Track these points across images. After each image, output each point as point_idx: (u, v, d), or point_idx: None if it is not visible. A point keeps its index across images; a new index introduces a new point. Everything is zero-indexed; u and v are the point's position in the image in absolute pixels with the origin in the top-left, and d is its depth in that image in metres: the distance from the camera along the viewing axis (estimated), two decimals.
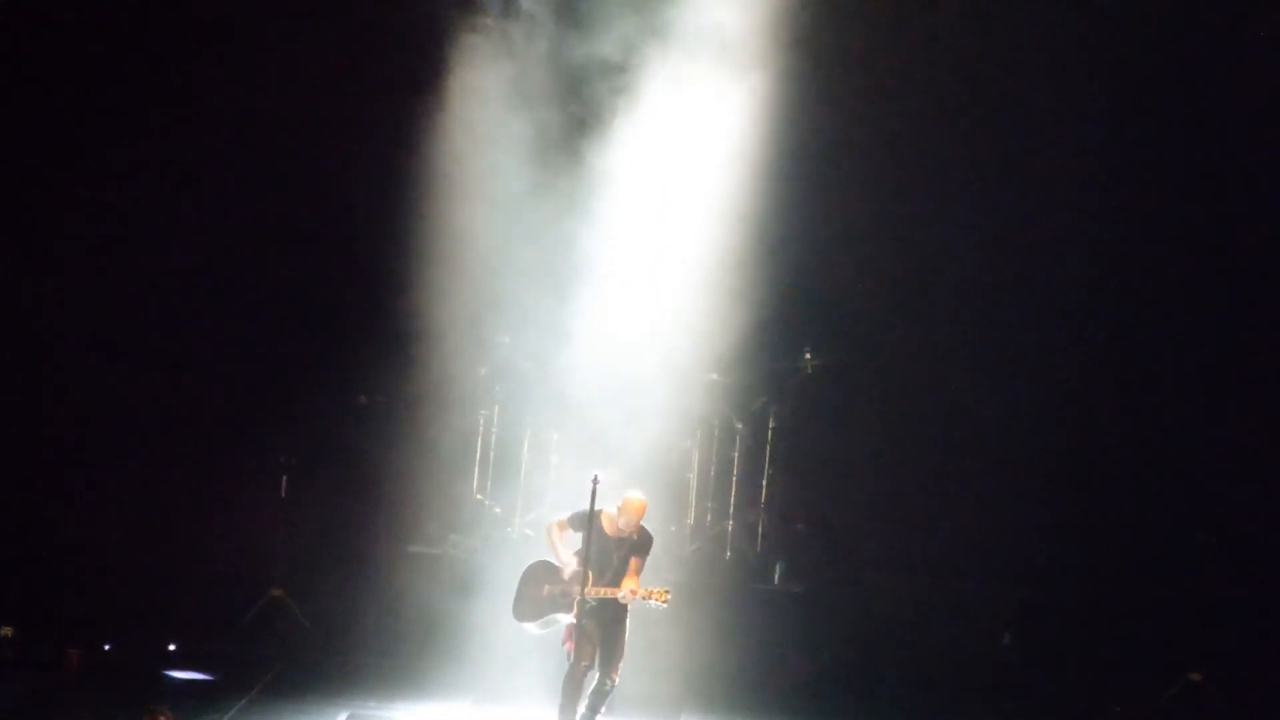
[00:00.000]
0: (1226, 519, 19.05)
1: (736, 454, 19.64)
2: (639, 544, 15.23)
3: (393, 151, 18.85)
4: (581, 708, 15.16)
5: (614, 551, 15.18)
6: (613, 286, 18.26)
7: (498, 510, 19.36)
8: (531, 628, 15.38)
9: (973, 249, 19.55)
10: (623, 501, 15.22)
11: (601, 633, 15.15)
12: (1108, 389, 19.51)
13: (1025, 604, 19.06)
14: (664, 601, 15.08)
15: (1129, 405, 19.45)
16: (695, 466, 19.47)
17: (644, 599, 15.04)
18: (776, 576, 19.43)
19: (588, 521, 15.15)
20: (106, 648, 17.74)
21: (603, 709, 15.26)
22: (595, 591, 15.04)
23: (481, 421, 19.42)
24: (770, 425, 19.74)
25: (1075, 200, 19.41)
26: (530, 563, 15.45)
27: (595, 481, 15.12)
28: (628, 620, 15.22)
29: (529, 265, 18.52)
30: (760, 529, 19.69)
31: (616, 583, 15.09)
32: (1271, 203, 19.22)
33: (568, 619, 15.13)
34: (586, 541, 15.10)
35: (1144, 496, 19.28)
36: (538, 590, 15.30)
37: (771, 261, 18.97)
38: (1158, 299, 19.48)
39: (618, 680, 15.20)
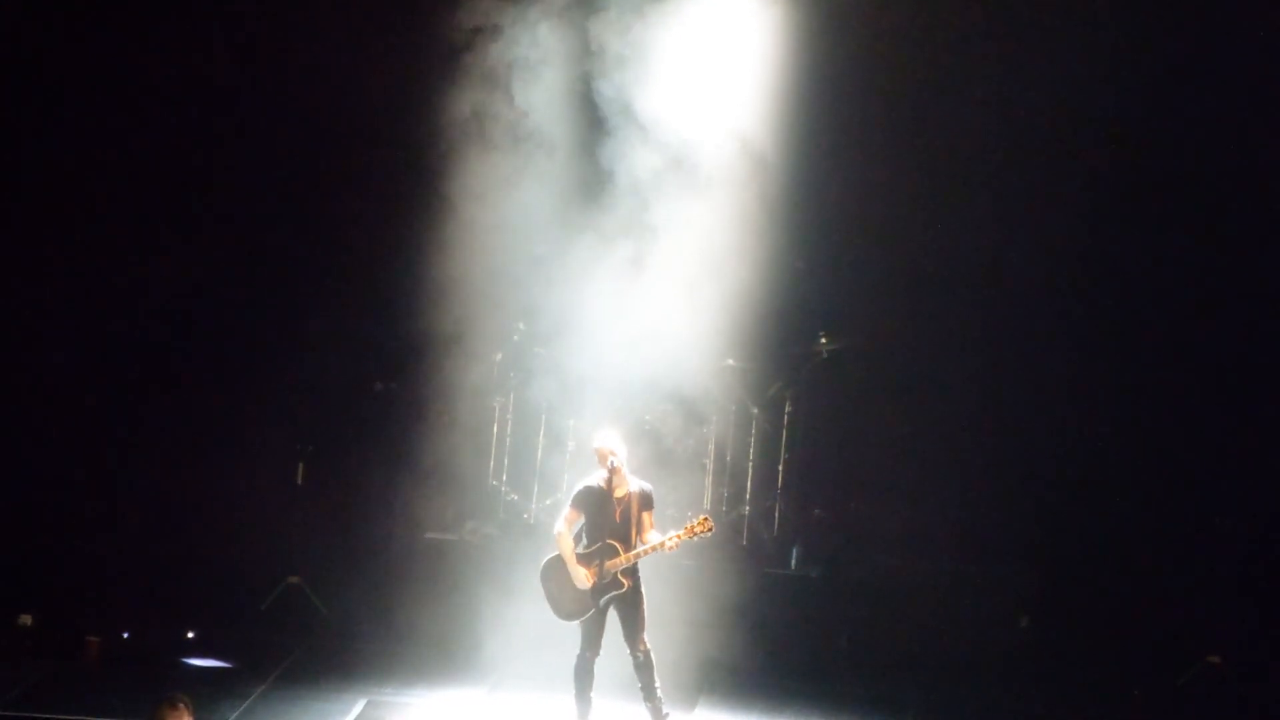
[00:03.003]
0: (1246, 501, 19.02)
1: (752, 439, 19.65)
2: (642, 498, 15.14)
3: (403, 138, 18.88)
4: (594, 694, 15.18)
5: (626, 508, 15.09)
6: (628, 271, 18.24)
7: (514, 496, 19.41)
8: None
9: (989, 233, 19.52)
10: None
11: (621, 607, 15.10)
12: (1127, 370, 19.46)
13: (1042, 587, 19.03)
14: (708, 529, 15.07)
15: (1148, 386, 19.38)
16: (711, 452, 19.48)
17: (689, 538, 15.01)
18: (793, 561, 19.44)
19: (591, 495, 15.11)
20: (125, 635, 17.78)
21: (656, 680, 15.13)
22: (629, 557, 15.01)
23: (497, 408, 19.45)
24: (786, 410, 19.75)
25: (1087, 187, 19.38)
26: (546, 560, 15.26)
27: (611, 468, 15.13)
28: (643, 589, 15.16)
29: (543, 251, 18.53)
30: (777, 514, 19.70)
31: (639, 536, 15.05)
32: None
33: (619, 593, 15.06)
34: (598, 514, 15.08)
35: (1163, 478, 19.23)
36: (572, 584, 15.16)
37: (787, 245, 18.97)
38: (1178, 276, 19.42)
39: (648, 647, 15.12)
